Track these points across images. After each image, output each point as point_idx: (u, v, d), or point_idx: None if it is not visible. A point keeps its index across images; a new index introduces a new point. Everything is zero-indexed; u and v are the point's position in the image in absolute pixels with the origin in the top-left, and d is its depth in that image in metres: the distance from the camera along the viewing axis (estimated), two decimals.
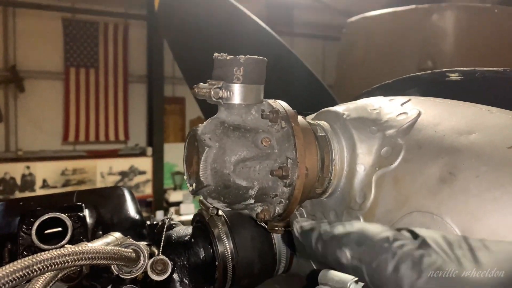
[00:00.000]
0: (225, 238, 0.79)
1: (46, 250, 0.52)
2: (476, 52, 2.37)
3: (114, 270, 0.65)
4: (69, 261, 0.52)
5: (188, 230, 0.85)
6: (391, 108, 0.66)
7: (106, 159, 8.15)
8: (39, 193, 7.32)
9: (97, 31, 8.17)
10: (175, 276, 0.77)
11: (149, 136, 8.63)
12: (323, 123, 0.71)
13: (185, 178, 0.67)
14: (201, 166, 0.60)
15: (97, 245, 0.61)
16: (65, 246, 0.54)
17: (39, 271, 0.49)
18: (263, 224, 0.68)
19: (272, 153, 0.63)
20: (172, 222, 0.86)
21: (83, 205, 0.82)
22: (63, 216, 0.76)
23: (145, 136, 8.76)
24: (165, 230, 0.79)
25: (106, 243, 0.66)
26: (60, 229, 0.77)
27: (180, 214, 6.68)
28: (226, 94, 0.61)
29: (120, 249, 0.62)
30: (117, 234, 0.71)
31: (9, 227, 0.81)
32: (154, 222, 0.93)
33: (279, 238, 0.84)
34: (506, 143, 0.51)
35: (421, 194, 0.54)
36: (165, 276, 0.70)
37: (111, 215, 0.90)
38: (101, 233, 0.83)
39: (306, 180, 0.63)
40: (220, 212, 0.81)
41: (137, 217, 0.92)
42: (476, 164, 0.51)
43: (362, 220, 0.61)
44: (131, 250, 0.66)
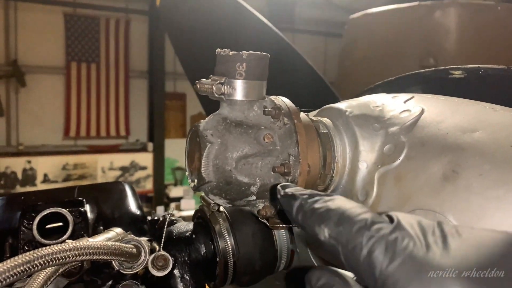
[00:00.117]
0: (226, 234, 0.79)
1: (47, 245, 0.52)
2: (478, 49, 2.36)
3: (115, 265, 0.65)
4: (70, 256, 0.52)
5: (189, 226, 0.85)
6: (394, 105, 0.66)
7: (107, 154, 8.15)
8: (40, 187, 7.33)
9: (98, 26, 8.13)
10: (176, 272, 0.77)
11: (150, 131, 8.63)
12: (326, 120, 0.71)
13: (186, 174, 0.67)
14: (203, 162, 0.60)
15: (98, 240, 0.61)
16: (66, 241, 0.54)
17: (40, 266, 0.49)
18: (265, 220, 0.68)
19: (274, 149, 0.62)
20: (173, 218, 0.86)
21: (84, 200, 0.82)
22: (64, 211, 0.76)
23: (146, 131, 8.76)
24: (166, 225, 0.78)
25: (107, 239, 0.66)
26: (61, 224, 0.77)
27: (180, 210, 6.69)
28: (228, 90, 0.61)
29: (121, 244, 0.62)
30: (118, 230, 0.71)
31: (10, 222, 0.81)
32: (155, 218, 0.93)
33: (280, 235, 0.84)
34: (509, 141, 0.51)
35: (423, 192, 0.54)
36: (166, 272, 0.70)
37: (112, 210, 0.90)
38: (102, 228, 0.83)
39: (308, 177, 0.63)
40: (221, 208, 0.81)
41: (138, 212, 0.92)
42: (479, 162, 0.51)
43: None
44: (132, 246, 0.66)
